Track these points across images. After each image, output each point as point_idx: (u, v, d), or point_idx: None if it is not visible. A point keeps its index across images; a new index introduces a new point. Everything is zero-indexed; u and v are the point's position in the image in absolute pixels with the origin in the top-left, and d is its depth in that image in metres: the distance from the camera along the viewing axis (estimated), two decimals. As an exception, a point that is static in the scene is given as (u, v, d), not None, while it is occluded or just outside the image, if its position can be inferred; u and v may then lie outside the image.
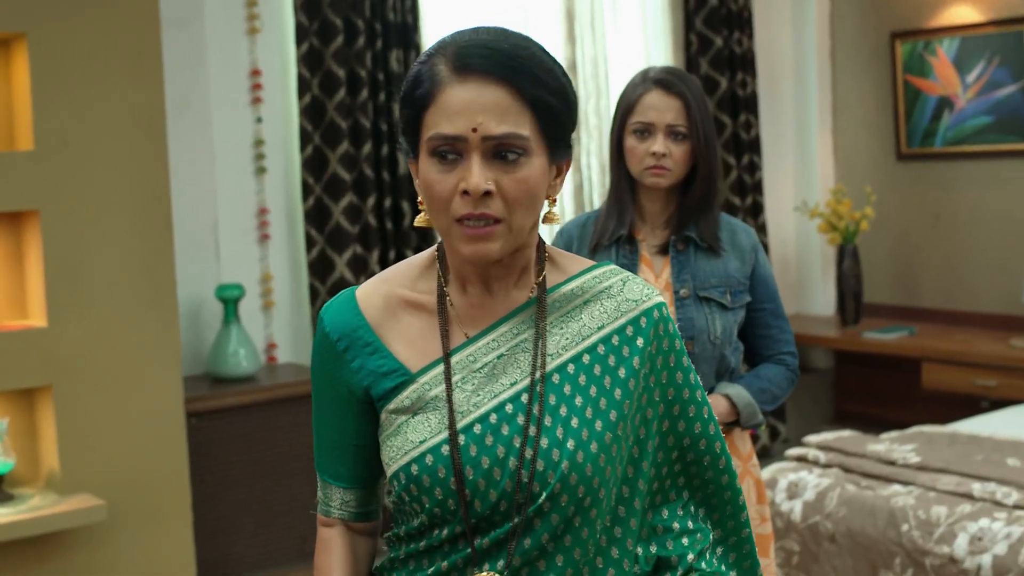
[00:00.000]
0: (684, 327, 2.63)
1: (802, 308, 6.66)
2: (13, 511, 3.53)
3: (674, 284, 2.67)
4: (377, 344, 1.63)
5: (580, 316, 1.63)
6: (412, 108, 1.56)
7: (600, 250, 2.71)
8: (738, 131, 6.09)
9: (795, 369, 2.78)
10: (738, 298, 2.69)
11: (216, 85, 4.70)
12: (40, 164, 3.60)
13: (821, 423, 6.37)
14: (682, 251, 2.69)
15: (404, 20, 5.03)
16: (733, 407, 2.65)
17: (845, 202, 6.06)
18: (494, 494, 1.55)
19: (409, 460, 1.57)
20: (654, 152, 2.64)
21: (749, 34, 6.12)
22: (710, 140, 2.66)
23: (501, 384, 1.59)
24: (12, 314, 3.76)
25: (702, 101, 2.67)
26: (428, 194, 1.55)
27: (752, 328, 2.75)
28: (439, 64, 1.55)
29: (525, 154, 1.53)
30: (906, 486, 3.70)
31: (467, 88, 1.52)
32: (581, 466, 1.55)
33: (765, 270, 2.74)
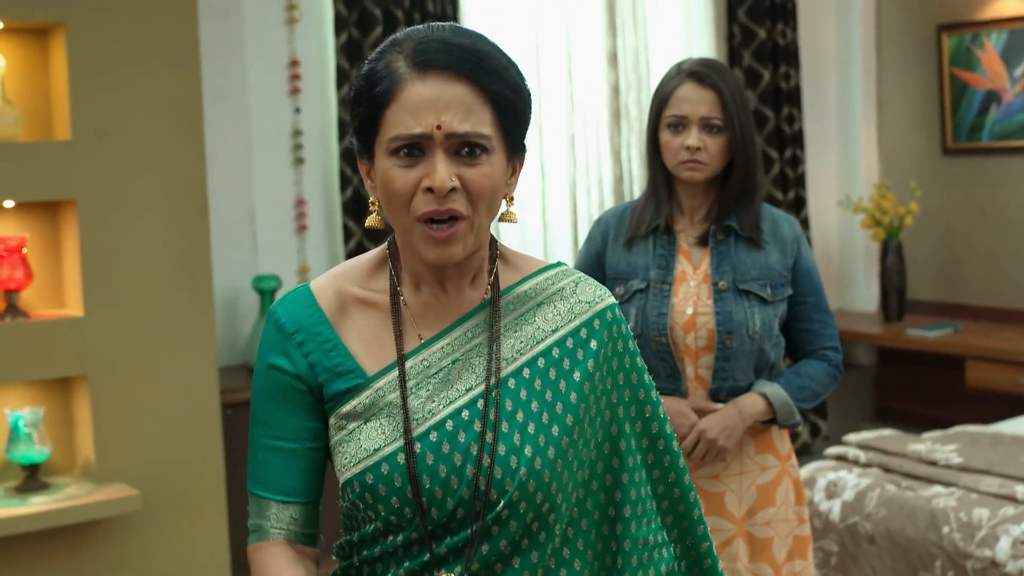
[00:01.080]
0: (722, 320, 2.58)
1: (845, 304, 6.59)
2: (49, 500, 3.53)
3: (713, 276, 2.62)
4: (336, 341, 1.59)
5: (534, 319, 1.60)
6: (369, 106, 1.51)
7: (637, 241, 2.67)
8: (781, 125, 6.03)
9: (838, 365, 2.72)
10: (779, 291, 2.63)
11: (254, 75, 4.70)
12: (77, 154, 3.60)
13: (863, 421, 6.31)
14: (722, 242, 2.64)
15: (443, 11, 5.00)
16: (770, 406, 2.60)
17: (889, 197, 5.99)
18: (451, 502, 1.52)
19: (363, 468, 1.53)
20: (688, 146, 2.59)
21: (793, 26, 6.06)
22: (747, 132, 2.60)
23: (456, 390, 1.56)
24: (49, 303, 3.77)
25: (738, 93, 2.61)
26: (387, 192, 1.51)
27: (794, 322, 2.69)
28: (397, 61, 1.51)
29: (487, 151, 1.50)
30: (947, 487, 3.63)
31: (428, 85, 1.49)
32: (539, 472, 1.52)
33: (808, 262, 2.68)
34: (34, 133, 3.70)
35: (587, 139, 5.56)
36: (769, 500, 2.64)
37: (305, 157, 4.84)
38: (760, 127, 5.95)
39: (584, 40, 5.57)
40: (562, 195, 5.53)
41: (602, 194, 5.59)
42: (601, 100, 5.61)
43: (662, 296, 2.62)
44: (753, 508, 2.63)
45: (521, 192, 5.35)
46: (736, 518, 2.63)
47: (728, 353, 2.58)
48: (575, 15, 5.53)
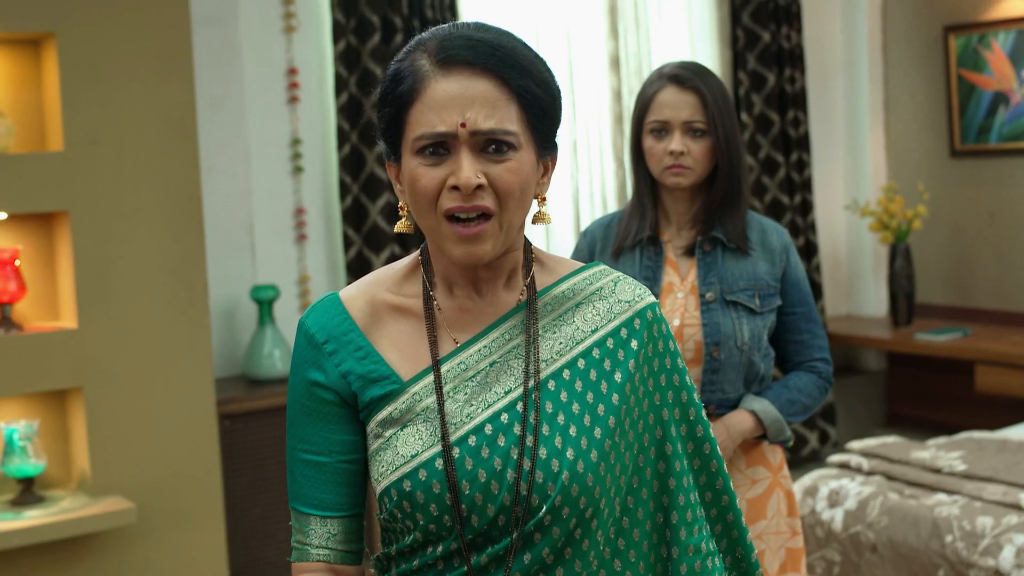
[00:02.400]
0: (710, 332, 2.54)
1: (853, 309, 6.54)
2: (43, 513, 3.52)
3: (700, 287, 2.57)
4: (368, 348, 1.56)
5: (573, 319, 1.57)
6: (393, 106, 1.49)
7: (624, 252, 2.63)
8: (786, 128, 5.98)
9: (828, 377, 2.67)
10: (767, 302, 2.59)
11: (251, 83, 4.68)
12: (70, 165, 3.58)
13: (872, 426, 6.26)
14: (709, 252, 2.60)
15: (443, 17, 4.98)
16: (759, 423, 2.55)
17: (897, 200, 5.93)
18: (492, 508, 1.48)
19: (401, 475, 1.50)
20: (672, 151, 2.55)
21: (798, 28, 6.01)
22: (731, 135, 2.56)
23: (495, 393, 1.52)
24: (43, 316, 3.76)
25: (721, 96, 2.57)
26: (414, 191, 1.48)
27: (783, 333, 2.65)
28: (420, 59, 1.48)
29: (514, 148, 1.47)
30: (951, 495, 3.58)
31: (452, 81, 1.46)
32: (582, 476, 1.48)
33: (797, 272, 2.64)
34: (26, 144, 3.69)
35: (589, 145, 5.53)
36: (760, 513, 2.60)
37: (304, 166, 4.81)
38: (765, 131, 5.91)
39: (586, 44, 5.54)
40: (565, 201, 5.50)
41: (605, 200, 5.55)
42: (603, 105, 5.58)
43: None
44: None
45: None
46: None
47: (716, 365, 2.54)
48: (576, 19, 5.49)
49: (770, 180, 5.93)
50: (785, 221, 5.94)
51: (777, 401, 2.57)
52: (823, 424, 6.08)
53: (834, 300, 6.43)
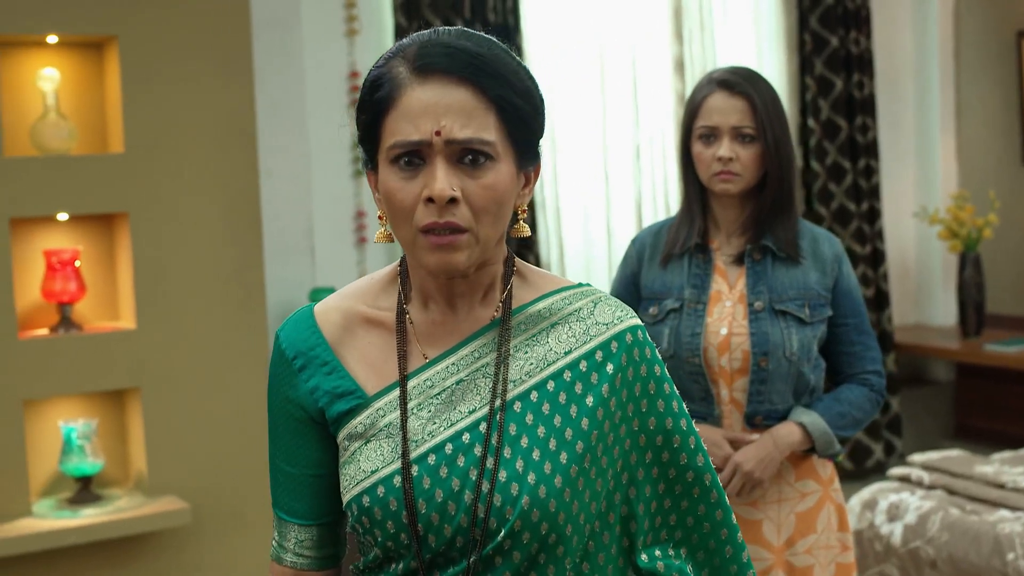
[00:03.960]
0: (758, 342, 2.49)
1: (922, 318, 6.44)
2: (100, 512, 3.55)
3: (748, 296, 2.53)
4: (335, 363, 1.54)
5: (547, 340, 1.52)
6: (370, 113, 1.46)
7: (672, 260, 2.59)
8: (854, 134, 5.89)
9: (880, 390, 2.61)
10: (818, 312, 2.53)
11: (313, 87, 4.69)
12: (130, 166, 3.61)
13: (940, 438, 6.16)
14: (759, 261, 2.55)
15: (505, 21, 4.96)
16: (807, 436, 2.50)
17: (967, 208, 5.83)
18: (449, 529, 1.45)
19: (361, 491, 1.48)
20: (720, 156, 2.51)
21: (867, 33, 5.92)
22: (781, 141, 2.51)
23: (459, 412, 1.49)
24: (103, 316, 3.79)
25: (771, 101, 2.52)
26: (390, 204, 1.45)
27: (834, 345, 2.60)
28: (398, 66, 1.45)
29: (491, 159, 1.44)
30: (1014, 511, 3.49)
31: (428, 89, 1.42)
32: (543, 502, 1.44)
33: (849, 282, 2.58)
34: (88, 146, 3.73)
35: (652, 150, 5.48)
36: (810, 527, 2.55)
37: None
38: (832, 137, 5.83)
39: (650, 48, 5.49)
40: (627, 207, 5.46)
41: (668, 206, 5.50)
42: (668, 110, 5.53)
43: (696, 316, 2.54)
44: (793, 537, 2.54)
45: (585, 203, 5.32)
46: (775, 547, 2.53)
47: (764, 376, 2.49)
48: (640, 23, 5.45)
49: (837, 187, 5.85)
50: (852, 228, 5.86)
51: (827, 414, 2.52)
52: (889, 435, 5.98)
53: (902, 309, 6.33)
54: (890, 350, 5.96)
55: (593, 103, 5.34)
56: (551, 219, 5.20)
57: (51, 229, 3.68)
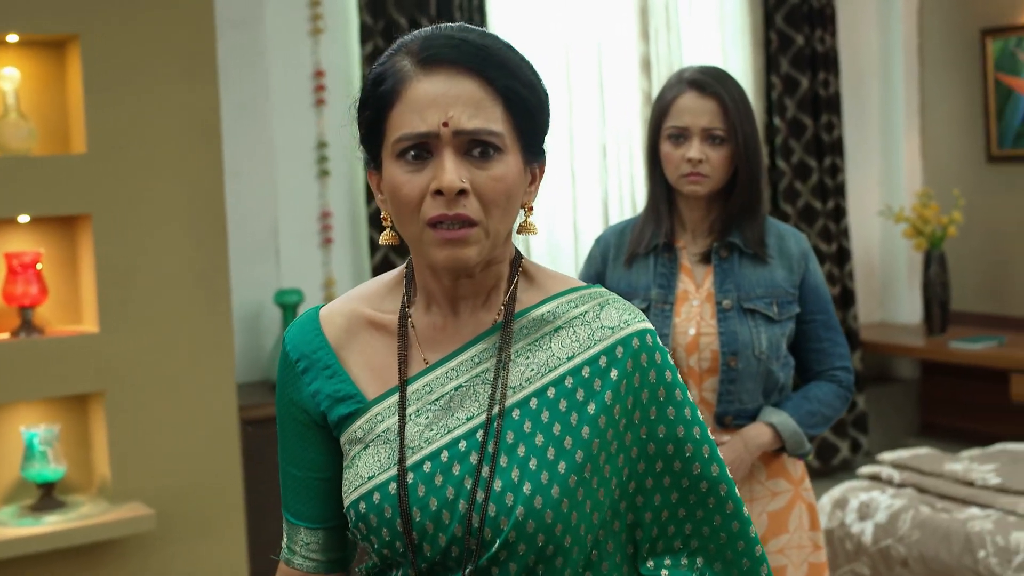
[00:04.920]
0: (727, 341, 2.47)
1: (887, 316, 6.46)
2: (63, 519, 3.50)
3: (716, 295, 2.51)
4: (336, 367, 1.52)
5: (549, 345, 1.48)
6: (374, 109, 1.43)
7: (637, 259, 2.57)
8: (820, 132, 5.91)
9: (849, 386, 2.60)
10: (786, 309, 2.52)
11: (277, 86, 4.66)
12: (93, 167, 3.56)
13: (905, 436, 6.18)
14: (726, 259, 2.53)
15: (471, 19, 4.95)
16: (777, 436, 2.49)
17: (932, 206, 5.85)
18: (443, 539, 1.42)
19: (358, 496, 1.46)
20: (690, 158, 2.49)
21: (832, 32, 5.94)
22: (751, 143, 2.50)
23: (456, 418, 1.46)
24: (65, 319, 3.74)
25: (742, 102, 2.50)
26: (395, 199, 1.41)
27: (803, 342, 2.58)
28: (402, 60, 1.42)
29: (500, 151, 1.41)
30: (984, 509, 3.50)
31: (435, 81, 1.40)
32: (539, 512, 1.40)
33: (816, 279, 2.57)
34: (49, 147, 3.67)
35: (619, 149, 5.47)
36: (782, 527, 2.54)
37: (330, 169, 4.78)
38: (798, 135, 5.85)
39: (616, 47, 5.49)
40: (594, 206, 5.45)
41: (635, 205, 5.50)
42: (634, 109, 5.52)
43: (663, 316, 2.51)
44: (764, 536, 2.53)
45: (551, 203, 5.31)
46: (745, 549, 2.52)
47: (734, 375, 2.47)
48: (607, 22, 5.45)
49: (803, 185, 5.87)
50: (818, 227, 5.88)
51: (796, 413, 2.51)
52: (855, 433, 6.00)
53: (867, 307, 6.35)
54: (856, 348, 5.98)
55: (559, 102, 5.33)
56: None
57: (12, 231, 3.63)
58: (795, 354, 2.60)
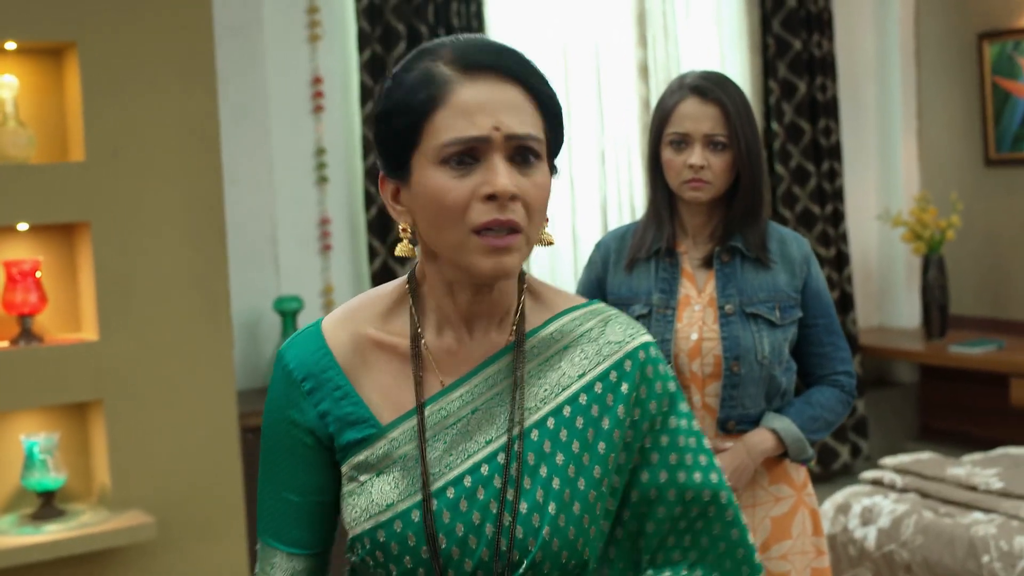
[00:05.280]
0: (729, 346, 2.46)
1: (885, 320, 6.45)
2: (63, 528, 3.48)
3: (719, 299, 2.49)
4: (348, 388, 1.47)
5: (559, 364, 1.47)
6: (408, 116, 1.40)
7: (638, 264, 2.56)
8: (817, 137, 5.90)
9: (851, 390, 2.59)
10: (788, 314, 2.51)
11: (276, 93, 4.65)
12: (91, 175, 3.54)
13: (905, 440, 6.16)
14: (727, 263, 2.52)
15: (469, 26, 4.93)
16: (780, 442, 2.48)
17: (930, 210, 5.85)
18: (470, 563, 1.40)
19: (375, 524, 1.42)
20: (692, 164, 2.48)
21: (829, 36, 5.94)
22: (753, 149, 2.48)
23: (476, 442, 1.44)
24: (64, 327, 3.72)
25: (743, 107, 2.49)
26: (438, 206, 1.38)
27: (805, 346, 2.57)
28: (437, 66, 1.40)
29: (539, 159, 1.40)
30: (988, 514, 3.48)
31: (480, 87, 1.38)
32: (563, 530, 1.40)
33: (818, 283, 2.55)
34: (48, 154, 3.66)
35: (618, 154, 5.46)
36: (785, 532, 2.52)
37: (329, 176, 4.77)
38: (796, 140, 5.84)
39: (614, 53, 5.48)
40: (592, 211, 5.44)
41: (634, 210, 5.49)
42: (632, 114, 5.51)
43: (665, 321, 2.50)
44: (768, 541, 2.51)
45: (550, 208, 5.26)
46: (750, 554, 2.51)
47: (736, 380, 2.46)
48: (604, 27, 5.44)
49: (801, 190, 5.86)
50: (816, 231, 5.87)
51: (799, 419, 2.50)
52: (855, 438, 5.99)
53: (866, 311, 6.35)
54: (855, 352, 5.97)
55: (558, 108, 5.30)
56: (517, 225, 5.15)
57: (11, 239, 3.61)
58: (797, 359, 2.59)
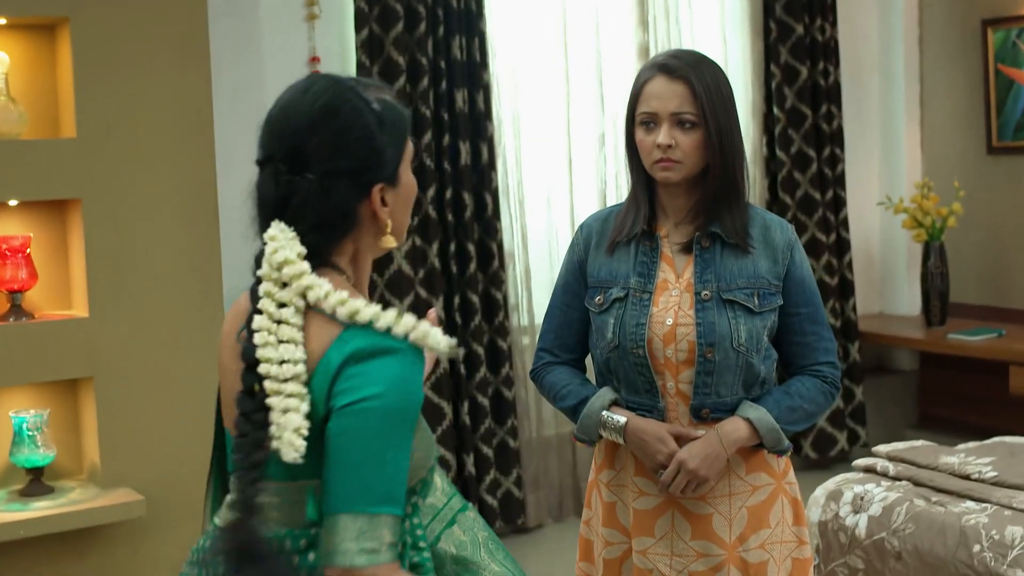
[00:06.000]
0: (704, 332, 2.41)
1: (886, 307, 6.42)
2: (52, 504, 3.48)
3: (696, 285, 2.45)
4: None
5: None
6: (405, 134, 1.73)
7: (619, 247, 2.52)
8: (819, 123, 5.87)
9: (833, 381, 2.52)
10: (767, 301, 2.45)
11: (272, 72, 4.62)
12: (83, 152, 3.54)
13: (904, 427, 6.14)
14: (707, 248, 2.47)
15: (468, 6, 4.91)
16: (755, 431, 2.43)
17: (932, 197, 5.81)
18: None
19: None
20: (659, 144, 2.43)
21: (832, 21, 5.89)
22: (724, 128, 2.42)
23: None
24: (55, 304, 3.72)
25: (715, 85, 2.42)
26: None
27: (786, 335, 2.51)
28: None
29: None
30: (980, 503, 3.46)
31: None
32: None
33: (801, 271, 2.49)
34: (39, 131, 3.65)
35: (617, 137, 5.43)
36: (762, 522, 2.48)
37: (325, 156, 4.74)
38: (798, 125, 5.80)
39: (614, 35, 5.45)
40: (591, 194, 5.43)
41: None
42: (632, 97, 5.47)
43: (641, 305, 2.46)
44: (745, 532, 2.47)
45: (549, 191, 5.31)
46: (726, 543, 2.46)
47: (710, 367, 2.42)
48: (605, 10, 5.40)
49: (802, 176, 5.83)
50: (817, 217, 5.84)
51: (776, 409, 2.44)
52: (853, 424, 5.97)
53: (866, 298, 6.32)
54: (854, 339, 5.96)
55: (557, 90, 5.29)
56: (514, 207, 5.15)
57: (1, 215, 3.61)
58: (779, 348, 2.53)
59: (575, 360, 2.63)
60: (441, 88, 4.85)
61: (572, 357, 2.62)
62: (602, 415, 2.49)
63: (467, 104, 4.92)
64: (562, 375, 2.60)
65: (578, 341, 2.60)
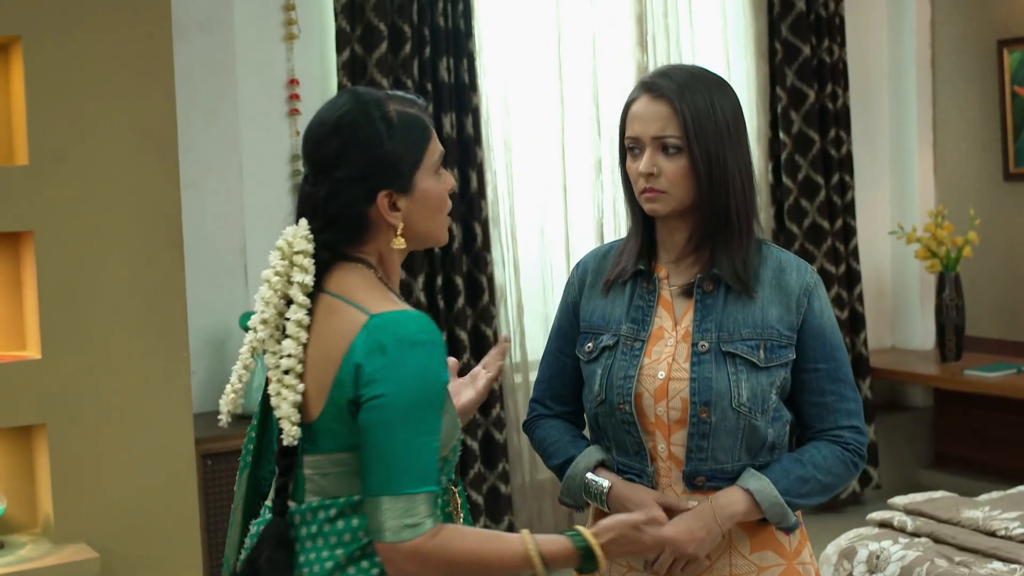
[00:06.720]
0: (697, 389, 2.12)
1: (898, 342, 6.31)
2: (1, 561, 3.27)
3: (694, 334, 2.16)
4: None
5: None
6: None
7: (615, 288, 2.26)
8: (827, 148, 5.72)
9: (856, 449, 2.21)
10: (776, 355, 2.15)
11: (246, 94, 4.51)
12: (35, 180, 3.36)
13: (918, 467, 6.04)
14: (709, 293, 2.18)
15: (456, 26, 4.78)
16: (756, 505, 2.13)
17: (946, 226, 5.69)
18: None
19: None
20: (640, 172, 2.17)
21: (840, 42, 5.76)
22: (715, 154, 2.14)
23: None
24: (6, 345, 3.53)
25: (704, 106, 2.15)
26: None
27: (802, 394, 2.20)
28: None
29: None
30: (1008, 564, 3.20)
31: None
32: None
33: (821, 321, 2.19)
34: (-12, 158, 3.48)
35: (615, 163, 5.23)
36: None
37: (304, 183, 4.56)
38: (805, 151, 5.65)
39: (611, 56, 5.31)
40: (587, 224, 5.28)
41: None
42: (631, 121, 5.28)
43: (631, 355, 2.18)
44: None
45: (543, 220, 5.20)
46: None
47: (705, 429, 2.12)
48: (601, 29, 5.26)
49: (809, 204, 5.66)
50: (825, 247, 5.67)
51: (784, 479, 2.14)
52: (865, 466, 5.74)
53: (877, 332, 6.20)
54: (865, 375, 5.82)
55: (551, 113, 5.16)
56: (505, 237, 5.00)
57: (-54, 249, 3.41)
58: (794, 409, 2.23)
59: (569, 413, 2.36)
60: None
61: (565, 410, 2.36)
62: (586, 477, 2.21)
63: (455, 129, 4.78)
64: (551, 430, 2.34)
65: (572, 392, 2.34)
